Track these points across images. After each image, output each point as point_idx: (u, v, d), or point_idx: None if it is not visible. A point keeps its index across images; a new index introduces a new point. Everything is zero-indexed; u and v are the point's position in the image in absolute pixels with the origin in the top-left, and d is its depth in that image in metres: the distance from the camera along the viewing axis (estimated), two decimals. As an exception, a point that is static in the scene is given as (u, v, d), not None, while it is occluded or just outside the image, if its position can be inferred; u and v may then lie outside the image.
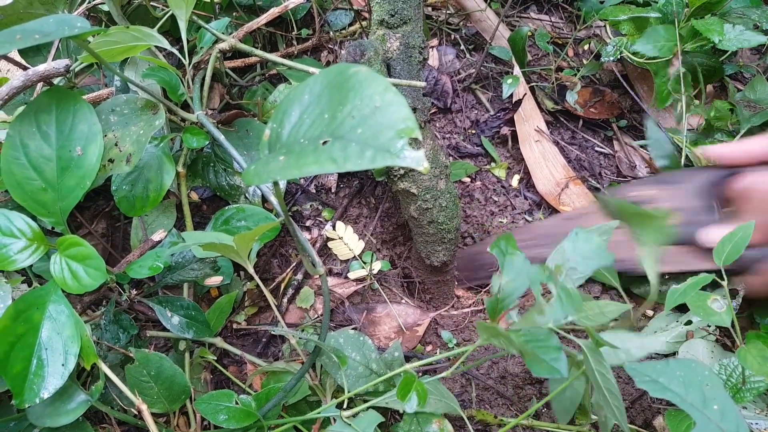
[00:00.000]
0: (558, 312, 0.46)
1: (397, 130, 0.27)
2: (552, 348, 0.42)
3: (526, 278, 0.50)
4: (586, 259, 0.54)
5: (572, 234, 0.55)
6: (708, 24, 0.83)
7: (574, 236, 0.55)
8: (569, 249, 0.54)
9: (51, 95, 0.64)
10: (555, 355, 0.42)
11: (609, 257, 0.54)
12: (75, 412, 0.58)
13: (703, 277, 0.61)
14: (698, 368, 0.49)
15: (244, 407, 0.61)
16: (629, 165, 1.00)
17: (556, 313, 0.46)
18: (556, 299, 0.46)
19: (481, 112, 1.06)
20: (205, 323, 0.70)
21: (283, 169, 0.30)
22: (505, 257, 0.52)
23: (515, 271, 0.51)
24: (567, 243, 0.55)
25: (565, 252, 0.54)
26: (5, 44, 0.53)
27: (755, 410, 0.64)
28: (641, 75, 1.05)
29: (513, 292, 0.51)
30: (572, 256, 0.54)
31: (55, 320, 0.56)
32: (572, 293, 0.47)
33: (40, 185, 0.62)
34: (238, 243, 0.58)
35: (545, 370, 0.41)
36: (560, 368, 0.41)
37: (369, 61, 0.65)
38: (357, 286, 0.85)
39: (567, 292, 0.47)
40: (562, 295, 0.46)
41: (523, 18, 1.21)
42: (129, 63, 0.83)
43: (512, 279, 0.51)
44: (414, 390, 0.55)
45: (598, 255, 0.54)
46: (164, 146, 0.74)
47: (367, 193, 0.96)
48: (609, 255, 0.54)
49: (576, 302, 0.46)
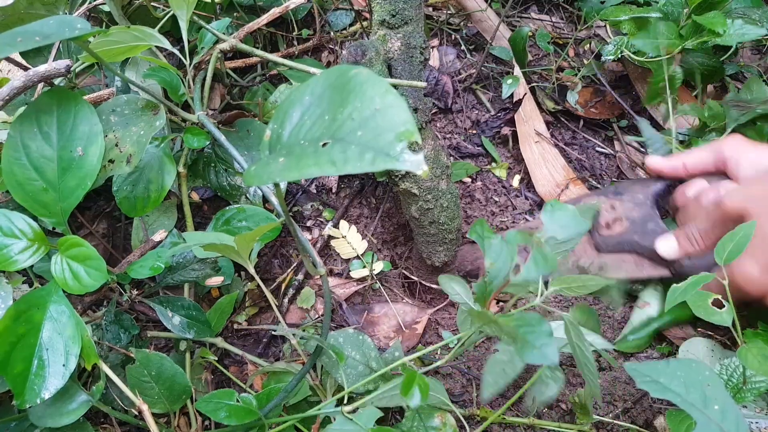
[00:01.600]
0: (533, 271, 0.48)
1: (396, 133, 0.27)
2: (543, 333, 0.42)
3: (507, 257, 0.50)
4: (564, 227, 0.56)
5: (547, 206, 0.57)
6: (711, 18, 0.83)
7: (550, 207, 0.56)
8: (547, 220, 0.57)
9: (52, 96, 0.64)
10: (546, 341, 0.42)
11: (585, 224, 0.56)
12: (76, 412, 0.58)
13: (703, 276, 0.61)
14: (699, 368, 0.49)
15: (245, 405, 0.62)
16: (630, 165, 1.00)
17: (530, 273, 0.48)
18: (531, 259, 0.48)
19: (482, 113, 1.06)
20: (206, 323, 0.70)
21: (284, 170, 0.30)
22: (483, 241, 0.53)
23: (495, 252, 0.52)
24: (544, 216, 0.57)
25: (543, 224, 0.57)
26: (6, 47, 0.53)
27: (755, 409, 0.64)
28: (642, 75, 1.05)
29: (498, 273, 0.51)
30: (550, 226, 0.56)
31: (56, 320, 0.57)
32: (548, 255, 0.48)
33: (41, 186, 0.62)
34: (239, 243, 0.58)
35: (536, 356, 0.41)
36: (550, 354, 0.41)
37: (370, 62, 0.65)
38: (358, 286, 0.85)
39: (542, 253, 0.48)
40: (538, 256, 0.48)
41: (523, 18, 1.21)
42: (130, 63, 0.83)
43: (494, 260, 0.52)
44: (416, 384, 0.55)
45: (575, 222, 0.56)
46: (165, 146, 0.75)
47: (367, 194, 0.96)
48: (585, 222, 0.55)
49: (551, 262, 0.47)
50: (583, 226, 0.56)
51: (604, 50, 0.96)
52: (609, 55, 0.95)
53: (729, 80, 1.03)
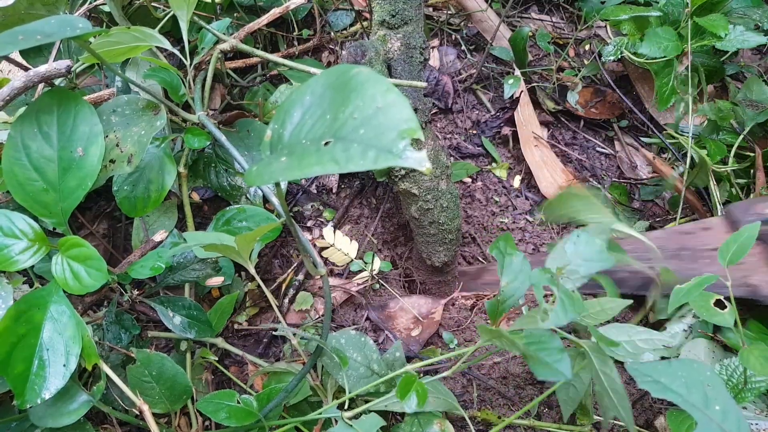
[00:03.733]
0: (561, 316, 0.46)
1: (399, 130, 0.27)
2: (554, 350, 0.42)
3: (525, 279, 0.50)
4: (588, 261, 0.53)
5: (573, 236, 0.55)
6: (713, 20, 0.83)
7: (575, 238, 0.55)
8: (570, 251, 0.54)
9: (52, 96, 0.64)
10: (558, 357, 0.41)
11: (609, 260, 0.53)
12: (77, 412, 0.58)
13: (707, 277, 0.61)
14: (700, 369, 0.49)
15: (246, 406, 0.61)
16: (630, 165, 1.00)
17: (560, 319, 0.46)
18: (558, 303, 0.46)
19: (482, 113, 1.06)
20: (207, 323, 0.70)
21: (285, 170, 0.30)
22: (504, 258, 0.52)
23: (514, 272, 0.51)
24: (568, 245, 0.54)
25: (566, 254, 0.54)
26: (7, 45, 0.53)
27: (755, 411, 0.64)
28: (642, 75, 1.05)
29: (513, 293, 0.51)
30: (574, 258, 0.54)
31: (56, 321, 0.56)
32: (574, 296, 0.47)
33: (41, 186, 0.62)
34: (240, 243, 0.58)
35: (549, 372, 0.41)
36: (563, 370, 0.40)
37: (370, 62, 0.65)
38: (358, 286, 0.85)
39: (569, 296, 0.46)
40: (565, 299, 0.46)
41: (524, 18, 1.21)
42: (130, 64, 0.83)
43: (512, 280, 0.51)
44: (414, 390, 0.55)
45: (600, 257, 0.53)
46: (165, 147, 0.74)
47: (368, 194, 0.96)
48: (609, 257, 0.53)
49: (578, 305, 0.46)
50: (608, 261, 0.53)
51: (604, 51, 0.96)
52: (609, 55, 0.95)
53: (729, 80, 1.03)
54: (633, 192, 0.98)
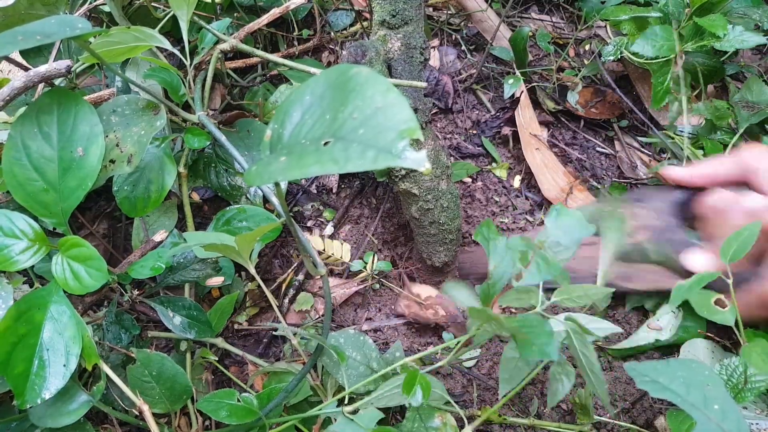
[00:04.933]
0: (534, 275, 0.48)
1: (398, 130, 0.27)
2: (544, 333, 0.43)
3: (510, 260, 0.50)
4: (568, 232, 0.55)
5: (552, 211, 0.56)
6: (712, 20, 0.83)
7: (555, 212, 0.56)
8: (551, 225, 0.56)
9: (52, 96, 0.64)
10: (546, 340, 0.42)
11: (589, 228, 0.55)
12: (77, 412, 0.58)
13: (708, 274, 0.61)
14: (699, 368, 0.49)
15: (246, 404, 0.62)
16: (630, 165, 1.00)
17: (533, 278, 0.48)
18: (533, 264, 0.48)
19: (482, 113, 1.06)
20: (207, 323, 0.70)
21: (285, 169, 0.30)
22: (489, 243, 0.53)
23: (500, 254, 0.52)
24: (548, 220, 0.56)
25: (547, 229, 0.56)
26: (7, 45, 0.53)
27: (756, 410, 0.64)
28: (642, 75, 1.05)
29: (502, 275, 0.51)
30: (554, 231, 0.56)
31: (56, 321, 0.57)
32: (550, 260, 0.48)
33: (41, 186, 0.62)
34: (240, 243, 0.58)
35: (536, 352, 0.41)
36: (551, 352, 0.41)
37: (370, 62, 0.66)
38: (358, 286, 0.85)
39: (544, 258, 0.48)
40: (540, 261, 0.48)
41: (524, 18, 1.21)
42: (130, 64, 0.84)
43: (499, 262, 0.52)
44: (418, 383, 0.55)
45: (579, 226, 0.55)
46: (165, 147, 0.75)
47: (368, 194, 0.96)
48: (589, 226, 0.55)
49: (553, 268, 0.47)
50: (586, 230, 0.55)
51: (604, 50, 0.96)
52: (609, 55, 0.95)
53: (729, 80, 1.03)
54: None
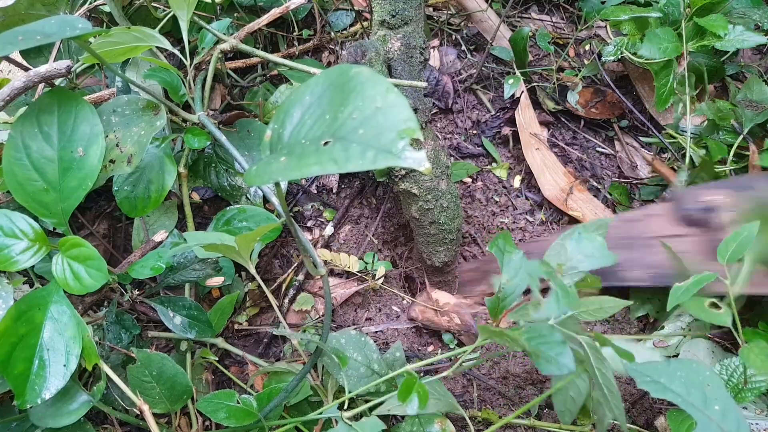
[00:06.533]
0: (554, 308, 0.46)
1: (398, 131, 0.27)
2: (556, 343, 0.42)
3: (525, 276, 0.50)
4: (589, 257, 0.54)
5: (574, 232, 0.55)
6: (712, 21, 0.83)
7: (577, 235, 0.55)
8: (571, 248, 0.54)
9: (53, 96, 0.64)
10: (560, 350, 0.41)
11: (611, 257, 0.54)
12: (77, 412, 0.58)
13: (706, 276, 0.61)
14: (699, 369, 0.49)
15: (245, 406, 0.62)
16: (630, 165, 1.00)
17: (552, 310, 0.46)
18: (552, 296, 0.46)
19: (482, 113, 1.06)
20: (208, 323, 0.70)
21: (285, 169, 0.30)
22: (503, 255, 0.52)
23: (514, 269, 0.51)
24: (569, 242, 0.55)
25: (566, 250, 0.54)
26: (7, 45, 0.53)
27: (755, 410, 0.64)
28: (642, 75, 1.05)
29: (513, 291, 0.51)
30: (574, 255, 0.54)
31: (56, 321, 0.57)
32: (570, 290, 0.47)
33: (41, 186, 0.62)
34: (240, 244, 0.58)
35: (552, 366, 0.40)
36: (566, 363, 0.40)
37: (370, 62, 0.66)
38: (358, 286, 0.85)
39: (564, 289, 0.46)
40: (560, 292, 0.46)
41: (524, 18, 1.21)
42: (130, 64, 0.83)
43: (512, 277, 0.51)
44: (415, 391, 0.54)
45: (601, 254, 0.54)
46: (165, 147, 0.75)
47: (368, 194, 0.96)
48: (611, 254, 0.54)
49: (572, 299, 0.46)
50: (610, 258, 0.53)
51: (604, 51, 0.96)
52: (609, 55, 0.95)
53: (729, 80, 1.03)
54: (633, 192, 0.98)
